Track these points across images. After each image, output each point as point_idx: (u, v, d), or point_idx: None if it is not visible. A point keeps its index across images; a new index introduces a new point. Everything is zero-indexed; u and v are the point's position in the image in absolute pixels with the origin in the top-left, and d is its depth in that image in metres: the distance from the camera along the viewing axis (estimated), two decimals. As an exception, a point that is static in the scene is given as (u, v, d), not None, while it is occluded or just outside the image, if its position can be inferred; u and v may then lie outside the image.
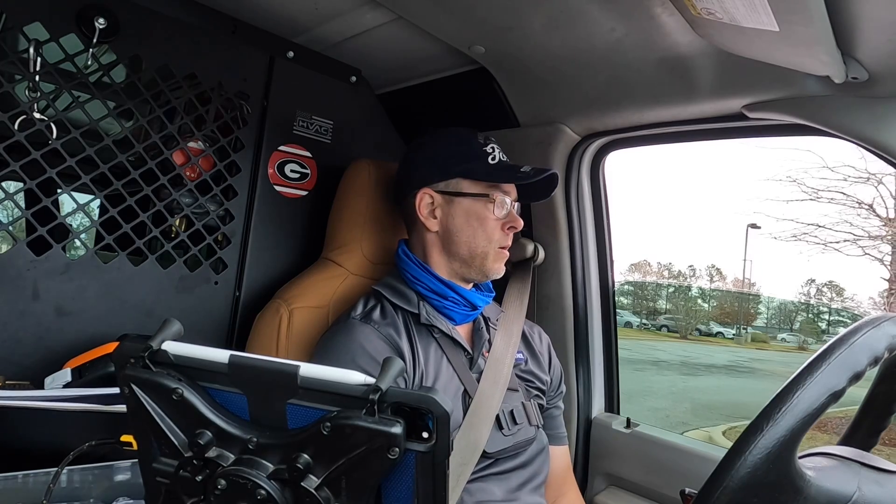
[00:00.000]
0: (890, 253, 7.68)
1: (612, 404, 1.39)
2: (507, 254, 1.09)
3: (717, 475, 0.41)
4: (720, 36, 0.86)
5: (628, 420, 1.30)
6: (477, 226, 1.05)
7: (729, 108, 1.05)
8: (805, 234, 8.66)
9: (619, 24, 0.97)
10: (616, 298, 1.43)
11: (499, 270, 1.09)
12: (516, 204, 1.11)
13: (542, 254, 1.34)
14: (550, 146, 1.32)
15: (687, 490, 0.66)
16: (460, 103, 1.41)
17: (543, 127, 1.32)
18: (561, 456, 1.18)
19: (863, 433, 0.59)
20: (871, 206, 7.53)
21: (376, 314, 1.03)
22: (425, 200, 1.08)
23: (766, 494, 0.41)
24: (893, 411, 0.58)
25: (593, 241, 1.38)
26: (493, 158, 1.06)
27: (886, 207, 7.49)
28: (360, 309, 1.05)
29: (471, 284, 1.11)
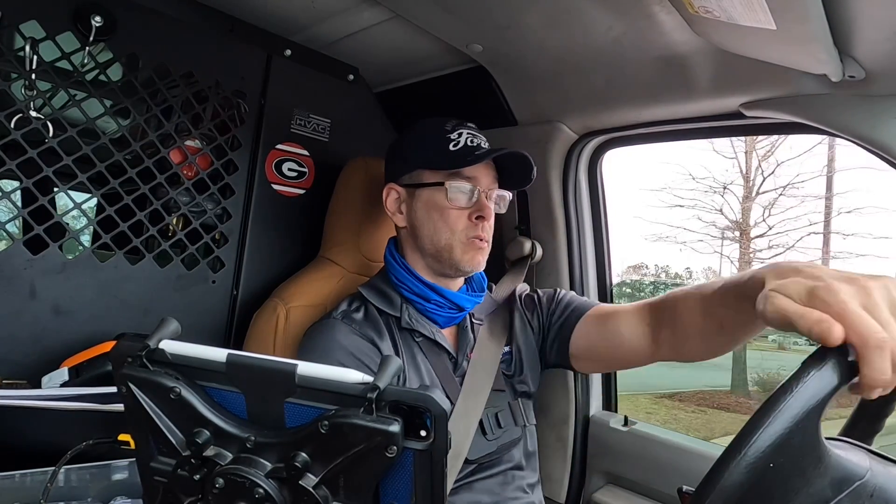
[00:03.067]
0: (738, 249, 9.33)
1: (609, 402, 1.39)
2: (484, 245, 1.02)
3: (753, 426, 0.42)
4: (717, 34, 0.86)
5: (626, 418, 1.31)
6: (437, 217, 1.00)
7: (726, 107, 1.06)
8: (668, 236, 10.57)
9: (617, 23, 0.97)
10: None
11: (473, 263, 1.01)
12: (498, 192, 1.04)
13: (539, 251, 1.35)
14: (548, 144, 1.32)
15: (684, 488, 0.66)
16: (458, 101, 1.41)
17: (541, 125, 1.32)
18: (596, 312, 1.04)
19: (859, 433, 0.59)
20: (720, 210, 9.23)
21: (358, 315, 1.01)
22: (391, 196, 1.07)
23: (791, 455, 0.42)
24: (888, 413, 0.59)
25: (591, 239, 1.38)
26: (456, 144, 1.00)
27: (733, 211, 9.16)
28: (341, 308, 1.03)
29: (459, 284, 1.08)
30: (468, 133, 1.02)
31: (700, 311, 0.82)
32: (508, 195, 1.07)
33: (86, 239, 1.17)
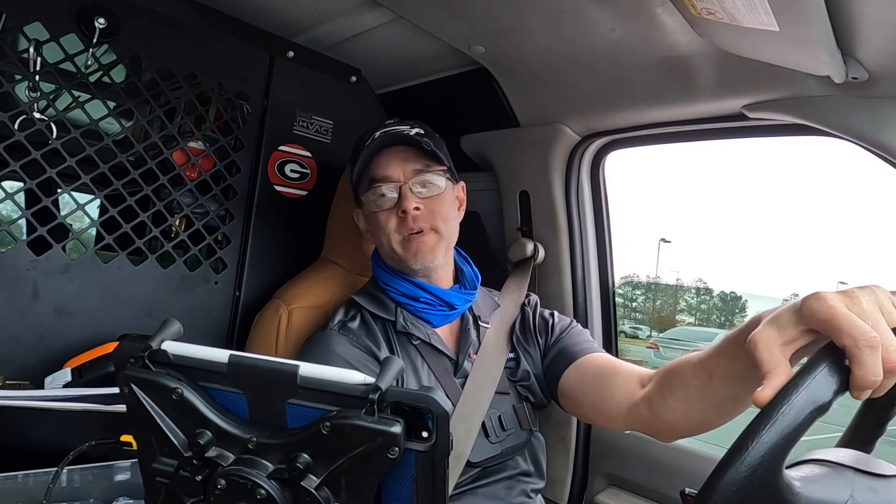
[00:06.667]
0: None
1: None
2: (424, 236, 0.98)
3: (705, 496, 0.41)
4: (720, 36, 0.86)
5: (628, 420, 1.30)
6: (374, 226, 1.03)
7: (729, 108, 1.05)
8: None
9: (620, 24, 0.97)
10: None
11: (419, 256, 0.98)
12: (420, 179, 0.99)
13: (542, 253, 1.34)
14: (550, 146, 1.32)
15: (687, 490, 0.66)
16: (460, 103, 1.41)
17: (543, 127, 1.32)
18: (598, 359, 0.99)
19: (860, 437, 0.58)
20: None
21: (354, 325, 1.00)
22: (360, 218, 1.11)
23: None
24: (890, 417, 0.58)
25: (593, 240, 1.38)
26: (365, 147, 1.00)
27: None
28: (338, 318, 1.02)
29: (448, 282, 1.06)
30: (380, 133, 1.00)
31: (693, 363, 0.75)
32: (437, 175, 1.01)
33: (89, 240, 1.17)
